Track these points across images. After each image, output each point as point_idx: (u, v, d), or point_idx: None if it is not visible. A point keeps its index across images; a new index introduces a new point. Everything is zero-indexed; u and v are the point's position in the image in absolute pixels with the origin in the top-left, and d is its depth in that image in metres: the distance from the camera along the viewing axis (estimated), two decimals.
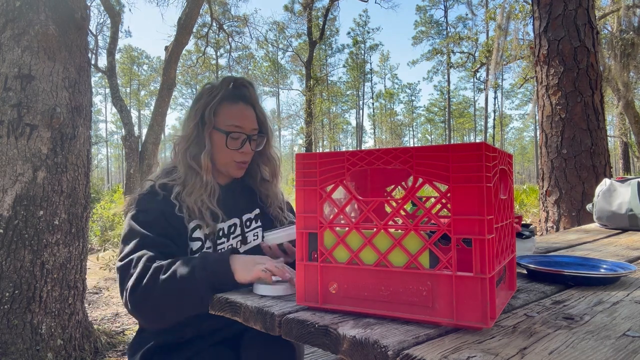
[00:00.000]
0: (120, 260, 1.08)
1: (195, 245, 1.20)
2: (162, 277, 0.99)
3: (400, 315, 0.73)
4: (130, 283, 1.02)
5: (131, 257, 1.06)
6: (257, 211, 1.34)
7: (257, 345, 1.10)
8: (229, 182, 1.34)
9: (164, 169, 1.32)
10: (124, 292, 1.03)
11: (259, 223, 1.34)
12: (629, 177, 2.08)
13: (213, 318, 0.96)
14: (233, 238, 1.27)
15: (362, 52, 43.82)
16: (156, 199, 1.20)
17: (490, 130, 38.10)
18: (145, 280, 1.00)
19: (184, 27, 6.76)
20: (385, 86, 50.69)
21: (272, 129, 1.37)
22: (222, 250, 1.23)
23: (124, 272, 1.05)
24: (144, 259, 1.04)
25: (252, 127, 1.29)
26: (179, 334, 1.19)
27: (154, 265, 1.03)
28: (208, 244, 1.22)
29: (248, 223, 1.31)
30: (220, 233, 1.24)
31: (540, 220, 4.39)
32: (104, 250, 6.66)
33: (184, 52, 7.82)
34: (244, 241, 1.30)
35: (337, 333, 0.69)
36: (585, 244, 1.64)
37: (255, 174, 1.37)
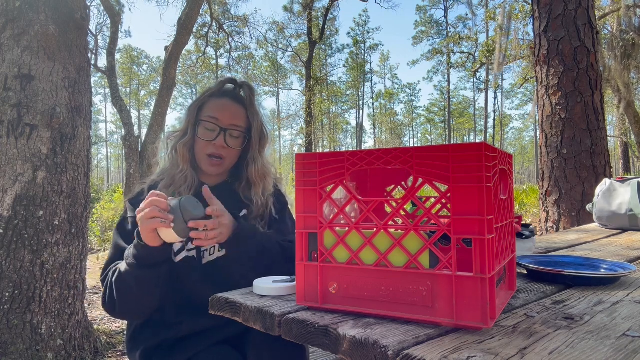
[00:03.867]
0: (101, 273, 1.20)
1: (176, 247, 1.20)
2: (113, 279, 1.11)
3: (400, 315, 0.73)
4: (102, 296, 1.15)
5: (107, 270, 1.17)
6: (244, 212, 1.31)
7: (265, 345, 1.09)
8: (218, 184, 1.33)
9: (162, 167, 1.36)
10: (102, 306, 1.17)
11: None
12: (629, 177, 2.08)
13: (206, 315, 0.96)
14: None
15: (362, 52, 43.83)
16: (140, 199, 1.24)
17: (490, 130, 38.11)
18: (108, 290, 1.13)
19: (184, 27, 6.76)
20: (385, 86, 50.74)
21: (266, 134, 1.33)
22: (205, 250, 1.23)
23: (102, 284, 1.18)
24: (111, 272, 1.15)
25: (232, 122, 1.26)
26: (174, 331, 1.19)
27: (112, 271, 1.14)
28: (190, 246, 1.21)
29: None
30: None
31: (540, 220, 4.39)
32: (104, 250, 6.66)
33: (184, 52, 7.82)
34: None
35: (337, 333, 0.69)
36: (585, 244, 1.64)
37: (241, 177, 1.34)
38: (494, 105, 41.51)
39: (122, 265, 1.10)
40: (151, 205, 0.99)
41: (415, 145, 4.58)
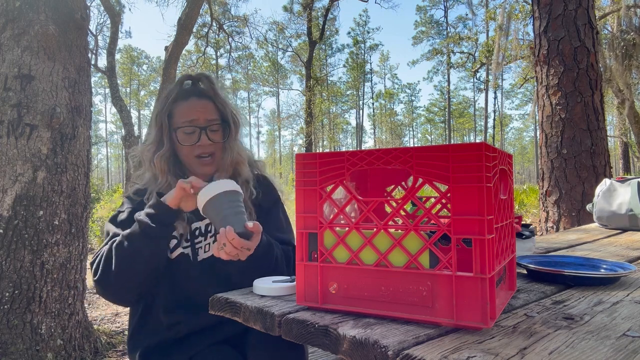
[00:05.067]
0: (93, 258, 1.18)
1: (172, 243, 1.20)
2: (114, 245, 1.11)
3: (400, 315, 0.73)
4: (94, 270, 1.13)
5: (100, 250, 1.17)
6: None
7: (265, 345, 1.09)
8: (207, 181, 1.33)
9: (145, 177, 1.34)
10: (94, 280, 1.14)
11: None
12: (629, 177, 2.08)
13: (203, 314, 0.96)
14: (210, 237, 1.25)
15: (362, 52, 43.82)
16: (133, 201, 1.28)
17: (490, 130, 38.09)
18: (103, 259, 1.12)
19: (184, 27, 6.76)
20: (385, 86, 50.73)
21: (238, 119, 1.33)
22: (199, 248, 1.23)
23: (91, 266, 1.16)
24: (106, 246, 1.15)
25: (208, 117, 1.27)
26: (173, 331, 1.19)
27: (109, 243, 1.14)
28: (185, 243, 1.21)
29: None
30: (197, 232, 1.24)
31: (540, 220, 4.39)
32: None
33: (184, 52, 7.82)
34: None
35: (337, 333, 0.69)
36: (585, 244, 1.64)
37: (221, 168, 1.33)
38: (494, 105, 41.51)
39: (129, 228, 1.12)
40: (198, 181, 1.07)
41: (415, 145, 4.58)
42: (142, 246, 1.09)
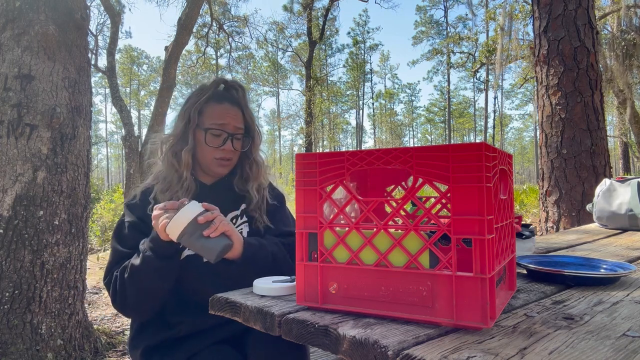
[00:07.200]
0: (104, 278, 1.23)
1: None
2: (126, 276, 1.15)
3: (400, 315, 0.73)
4: (111, 296, 1.19)
5: (109, 273, 1.21)
6: (243, 206, 1.33)
7: (265, 345, 1.09)
8: (215, 182, 1.34)
9: (155, 171, 1.35)
10: (114, 305, 1.21)
11: (245, 219, 1.33)
12: (629, 177, 2.08)
13: (206, 314, 0.96)
14: None
15: (362, 52, 43.79)
16: (134, 207, 1.28)
17: (490, 130, 38.05)
18: (118, 288, 1.16)
19: (184, 27, 6.75)
20: (385, 86, 50.71)
21: (260, 133, 1.39)
22: None
23: (107, 288, 1.21)
24: (115, 272, 1.19)
25: (236, 125, 1.30)
26: (174, 330, 1.19)
27: (119, 271, 1.18)
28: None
29: (234, 220, 1.31)
30: None
31: (540, 220, 4.39)
32: (104, 250, 6.67)
33: (184, 52, 7.82)
34: None
35: (337, 333, 0.69)
36: (585, 244, 1.64)
37: (237, 173, 1.37)
38: (494, 105, 41.48)
39: (136, 260, 1.13)
40: (160, 209, 1.08)
41: (415, 145, 4.58)
42: (152, 276, 1.12)
